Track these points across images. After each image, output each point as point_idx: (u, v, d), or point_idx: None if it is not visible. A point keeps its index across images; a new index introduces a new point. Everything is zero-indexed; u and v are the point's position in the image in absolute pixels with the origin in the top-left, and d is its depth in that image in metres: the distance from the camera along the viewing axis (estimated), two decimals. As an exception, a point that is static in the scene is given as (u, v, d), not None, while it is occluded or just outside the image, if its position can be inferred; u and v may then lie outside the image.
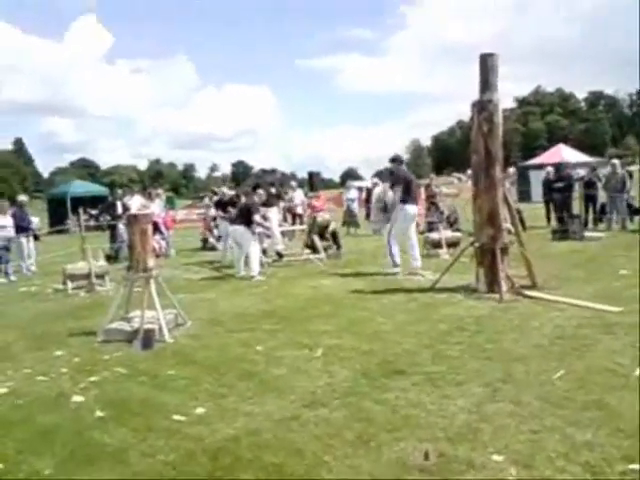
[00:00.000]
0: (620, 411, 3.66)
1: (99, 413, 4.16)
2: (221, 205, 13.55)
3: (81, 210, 12.54)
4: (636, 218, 15.03)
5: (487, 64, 7.76)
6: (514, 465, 3.06)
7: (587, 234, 13.43)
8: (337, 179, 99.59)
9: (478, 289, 7.70)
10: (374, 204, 19.73)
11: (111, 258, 13.33)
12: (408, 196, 9.66)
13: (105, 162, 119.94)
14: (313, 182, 20.19)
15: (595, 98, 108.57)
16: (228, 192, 14.53)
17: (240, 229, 10.41)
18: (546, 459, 3.10)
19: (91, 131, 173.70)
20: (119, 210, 15.73)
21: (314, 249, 12.34)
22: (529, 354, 4.92)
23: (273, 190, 15.26)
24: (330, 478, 3.05)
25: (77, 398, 4.49)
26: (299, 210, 18.37)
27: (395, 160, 10.22)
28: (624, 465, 3.00)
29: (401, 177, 9.77)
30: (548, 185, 16.20)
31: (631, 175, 16.65)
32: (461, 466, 3.09)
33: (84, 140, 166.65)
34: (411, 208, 9.78)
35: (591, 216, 15.71)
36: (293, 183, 21.52)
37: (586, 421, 3.53)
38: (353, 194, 20.42)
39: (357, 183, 31.19)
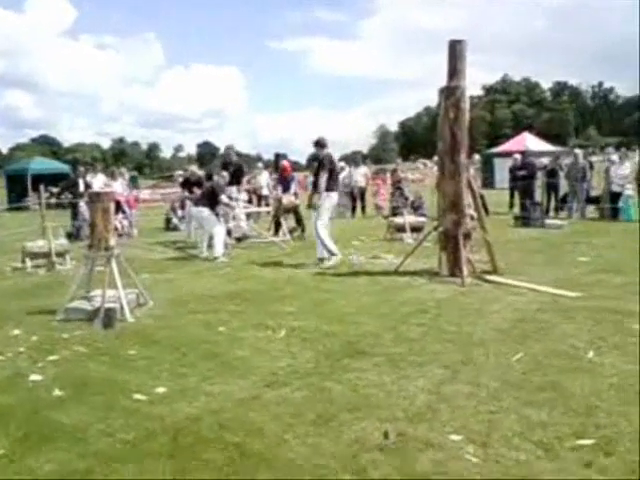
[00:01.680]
0: (573, 391, 3.77)
1: (57, 392, 4.09)
2: (187, 185, 13.37)
3: (42, 187, 12.23)
4: (593, 207, 15.37)
5: (455, 51, 7.80)
6: (471, 444, 3.12)
7: (548, 221, 13.72)
8: (303, 162, 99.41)
9: (440, 273, 7.80)
10: (340, 187, 19.85)
11: (72, 236, 13.07)
12: (334, 183, 9.18)
13: (67, 139, 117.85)
14: (279, 164, 20.03)
15: (560, 88, 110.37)
16: (197, 171, 14.32)
17: (204, 211, 10.32)
18: (502, 438, 3.18)
19: (53, 107, 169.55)
20: (81, 188, 15.41)
21: (278, 231, 12.32)
22: (489, 337, 5.02)
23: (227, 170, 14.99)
24: (291, 457, 3.07)
25: (35, 377, 4.41)
26: (264, 192, 18.26)
27: (318, 144, 9.40)
28: (573, 441, 3.11)
29: (326, 162, 9.13)
30: (514, 172, 16.45)
31: (592, 165, 17.00)
32: (420, 445, 3.14)
33: (46, 116, 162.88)
34: (335, 196, 9.34)
35: (553, 204, 16.02)
36: (259, 165, 21.38)
37: (541, 401, 3.63)
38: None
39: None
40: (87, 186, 14.84)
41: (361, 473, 2.88)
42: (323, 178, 9.01)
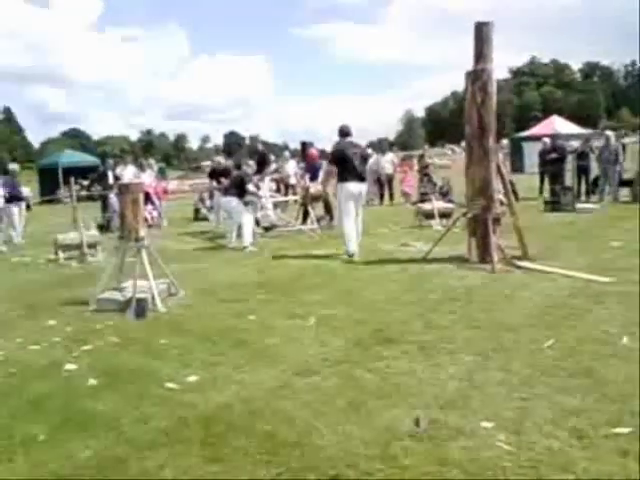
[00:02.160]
0: (607, 378, 3.71)
1: (92, 381, 4.17)
2: (215, 175, 13.45)
3: (72, 180, 12.42)
4: (627, 190, 15.05)
5: (482, 33, 7.68)
6: (503, 431, 3.10)
7: (579, 206, 13.47)
8: (330, 149, 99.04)
9: (470, 259, 7.74)
10: (367, 175, 19.76)
11: (103, 228, 13.28)
12: (348, 173, 8.66)
13: (96, 132, 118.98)
14: (306, 152, 20.03)
15: (590, 69, 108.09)
16: (223, 161, 14.40)
17: (233, 200, 10.39)
18: (534, 425, 3.14)
19: (82, 101, 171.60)
20: (110, 180, 15.61)
21: (306, 219, 12.34)
22: (520, 323, 4.96)
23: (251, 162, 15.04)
24: (321, 444, 3.09)
25: (70, 366, 4.50)
26: (292, 181, 18.27)
27: (339, 132, 9.04)
28: (608, 429, 3.06)
29: (337, 153, 8.90)
30: (544, 156, 16.18)
31: (624, 147, 16.63)
32: (451, 432, 3.13)
33: (75, 110, 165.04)
34: (351, 186, 8.68)
35: (583, 188, 15.74)
36: (286, 153, 21.41)
37: (574, 388, 3.58)
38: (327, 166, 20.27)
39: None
40: (116, 178, 15.00)
41: (392, 460, 2.89)
42: (327, 169, 8.97)
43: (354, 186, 8.67)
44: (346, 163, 8.68)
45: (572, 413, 3.26)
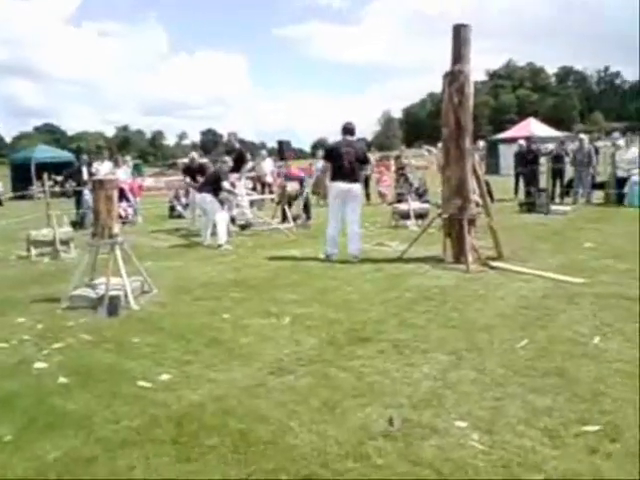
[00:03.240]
0: (578, 377, 3.76)
1: (62, 379, 4.09)
2: (189, 172, 13.30)
3: (45, 175, 12.23)
4: (600, 192, 15.28)
5: (460, 35, 7.72)
6: (476, 431, 3.11)
7: (553, 207, 13.64)
8: (308, 149, 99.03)
9: (445, 260, 7.78)
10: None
11: (77, 224, 13.07)
12: (337, 173, 8.48)
13: (71, 128, 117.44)
14: (282, 151, 19.96)
15: (565, 73, 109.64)
16: (197, 157, 14.26)
17: (207, 197, 10.31)
18: (507, 425, 3.16)
19: (57, 95, 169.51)
20: (85, 176, 15.40)
21: (284, 218, 12.31)
22: (494, 323, 5.00)
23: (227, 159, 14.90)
24: (295, 444, 3.07)
25: (40, 365, 4.42)
26: (268, 179, 18.22)
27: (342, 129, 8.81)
28: (578, 427, 3.10)
29: (329, 152, 8.84)
30: (519, 158, 16.37)
31: (597, 151, 16.88)
32: (425, 432, 3.13)
33: (49, 104, 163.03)
34: (338, 185, 8.51)
35: (558, 190, 15.94)
36: (263, 152, 21.32)
37: (546, 388, 3.62)
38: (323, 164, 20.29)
39: (328, 153, 30.93)
40: (91, 174, 14.80)
41: (366, 460, 2.88)
42: (322, 167, 8.87)
43: (341, 185, 8.47)
44: (336, 161, 8.49)
45: (544, 412, 3.29)
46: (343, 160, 8.41)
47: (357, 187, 8.64)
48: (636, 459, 2.77)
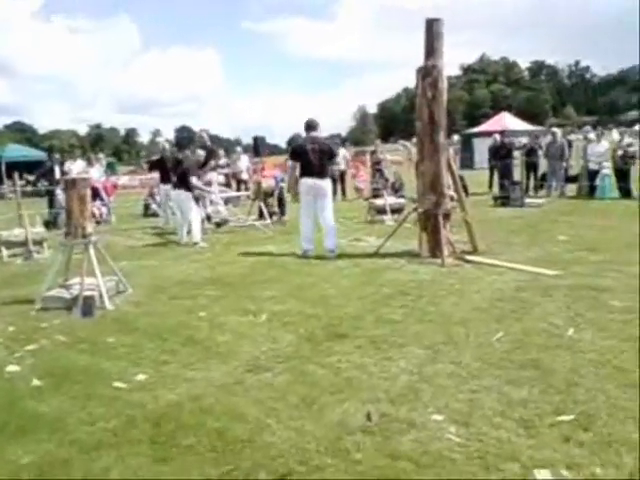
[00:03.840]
0: (553, 369, 3.81)
1: (36, 382, 4.03)
2: (160, 165, 12.81)
3: (16, 175, 12.02)
4: (573, 185, 15.50)
5: (432, 29, 7.75)
6: (453, 424, 3.14)
7: (527, 200, 13.80)
8: (283, 145, 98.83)
9: (421, 254, 7.81)
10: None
11: (50, 224, 12.89)
12: (305, 169, 8.54)
13: (43, 126, 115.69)
14: (258, 147, 19.91)
15: (537, 68, 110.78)
16: (167, 146, 13.95)
17: (182, 193, 10.22)
18: (483, 417, 3.19)
19: (27, 93, 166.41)
20: (57, 175, 15.20)
21: (260, 215, 12.27)
22: (469, 317, 5.04)
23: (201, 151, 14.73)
24: (273, 441, 3.06)
25: (12, 368, 4.34)
26: (244, 176, 18.17)
27: (305, 126, 8.81)
28: (553, 418, 3.14)
29: (297, 148, 8.79)
30: (493, 152, 16.52)
31: (571, 144, 17.10)
32: (402, 426, 3.15)
33: (19, 102, 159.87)
34: (307, 181, 8.53)
35: (532, 183, 16.13)
36: (238, 149, 21.25)
37: (522, 380, 3.66)
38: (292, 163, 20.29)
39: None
40: (63, 173, 14.60)
41: (344, 455, 2.89)
42: (291, 165, 8.86)
43: (309, 182, 8.47)
44: (303, 159, 8.53)
45: (519, 404, 3.32)
46: (309, 156, 8.43)
47: (325, 182, 8.58)
48: (608, 447, 2.82)
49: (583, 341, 4.30)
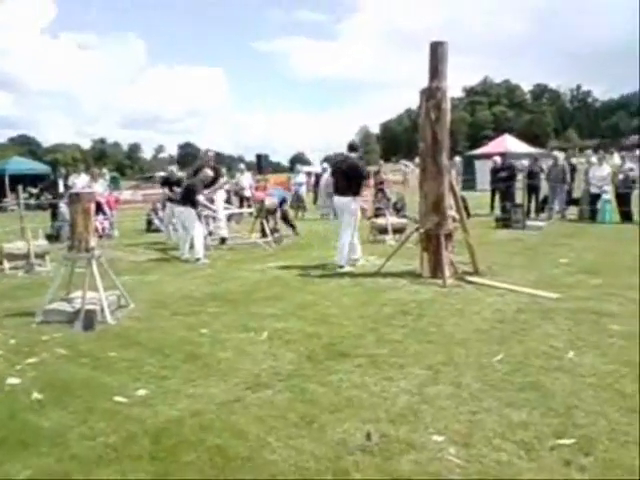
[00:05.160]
0: (553, 391, 3.81)
1: (36, 395, 4.04)
2: (168, 185, 13.21)
3: (20, 188, 12.08)
4: (575, 209, 15.54)
5: (437, 52, 7.84)
6: (453, 445, 3.14)
7: (529, 223, 13.83)
8: (286, 163, 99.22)
9: (422, 274, 7.83)
10: (322, 189, 19.91)
11: (52, 238, 12.92)
12: (334, 187, 9.20)
13: (47, 140, 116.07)
14: (261, 165, 20.02)
15: (540, 91, 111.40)
16: (176, 172, 14.19)
17: (186, 211, 10.27)
18: (483, 438, 3.20)
19: (33, 107, 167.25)
20: (61, 189, 15.26)
21: (263, 233, 12.30)
22: (470, 338, 5.04)
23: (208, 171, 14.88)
24: (273, 459, 3.06)
25: (12, 380, 4.35)
26: (247, 193, 18.23)
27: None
28: (553, 441, 3.14)
29: (343, 167, 8.92)
30: (495, 174, 16.59)
31: (575, 168, 17.15)
32: (402, 446, 3.15)
33: (25, 116, 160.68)
34: (335, 199, 9.20)
35: (533, 205, 16.17)
36: (241, 166, 21.33)
37: (522, 402, 3.66)
38: (301, 178, 20.44)
39: (306, 168, 31.18)
40: (67, 187, 14.66)
41: (343, 474, 2.89)
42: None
43: (335, 199, 9.20)
44: (333, 176, 9.42)
45: (519, 426, 3.33)
46: (337, 175, 9.11)
47: (346, 200, 8.83)
48: (609, 472, 2.82)
49: (583, 364, 4.30)
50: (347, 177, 8.77)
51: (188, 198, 10.30)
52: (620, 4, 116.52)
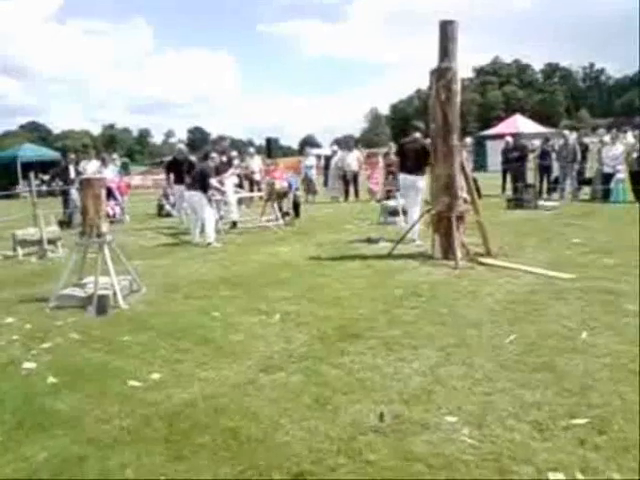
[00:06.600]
0: (567, 372, 3.80)
1: (52, 379, 4.08)
2: (175, 167, 13.00)
3: (32, 174, 12.12)
4: (587, 188, 15.41)
5: (447, 31, 7.74)
6: (467, 425, 3.14)
7: (540, 203, 13.73)
8: (296, 146, 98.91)
9: (434, 256, 7.80)
10: (332, 171, 19.86)
11: (64, 224, 12.98)
12: (401, 165, 9.64)
13: (57, 126, 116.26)
14: (271, 148, 19.95)
15: (551, 70, 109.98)
16: (184, 149, 14.10)
17: (196, 195, 10.27)
18: (497, 419, 3.19)
19: (42, 94, 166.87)
20: (72, 175, 15.31)
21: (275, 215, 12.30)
22: (482, 319, 5.03)
23: (224, 158, 14.92)
24: (287, 440, 3.08)
25: (28, 365, 4.39)
26: (257, 177, 18.21)
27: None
28: (567, 420, 3.14)
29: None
30: (506, 155, 16.45)
31: (587, 147, 16.99)
32: (415, 427, 3.15)
33: (35, 103, 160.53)
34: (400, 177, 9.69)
35: (545, 186, 16.04)
36: (251, 150, 21.29)
37: (535, 382, 3.65)
38: (311, 161, 20.37)
39: (315, 151, 31.07)
40: (78, 173, 14.70)
41: (357, 455, 2.89)
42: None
43: (402, 178, 9.51)
44: (400, 156, 9.71)
45: (533, 406, 3.32)
46: (405, 154, 9.44)
47: (414, 178, 9.20)
48: (624, 451, 2.81)
49: (597, 345, 4.27)
50: (417, 156, 9.03)
51: (199, 182, 10.29)
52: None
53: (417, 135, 9.40)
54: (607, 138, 15.88)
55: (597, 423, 3.08)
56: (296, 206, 13.13)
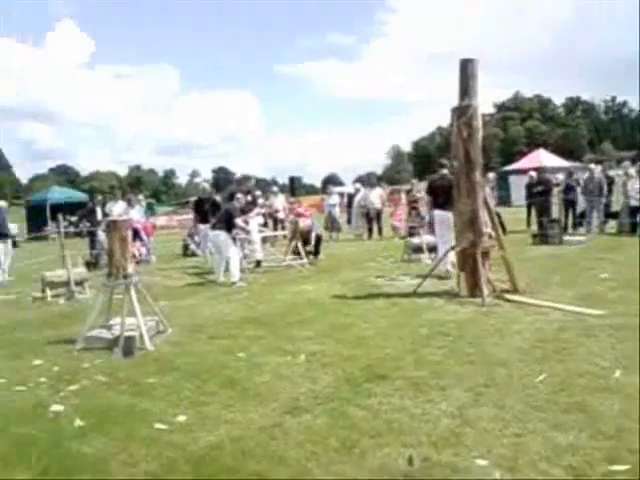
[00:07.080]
0: (601, 413, 3.69)
1: (79, 422, 4.08)
2: (200, 207, 13.14)
3: (60, 216, 12.36)
4: (614, 222, 15.22)
5: (467, 69, 7.82)
6: (498, 469, 3.06)
7: (566, 238, 13.58)
8: (318, 184, 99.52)
9: (460, 294, 7.73)
10: (355, 209, 19.93)
11: (91, 265, 13.15)
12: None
13: (85, 168, 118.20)
14: (294, 187, 20.15)
15: (573, 104, 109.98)
16: (208, 187, 14.31)
17: (221, 234, 10.35)
18: (529, 462, 3.10)
19: (71, 137, 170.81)
20: (99, 216, 15.57)
21: (298, 254, 12.32)
22: (511, 358, 4.94)
23: (249, 197, 15.11)
24: (314, 485, 3.03)
25: (56, 407, 4.41)
26: (280, 215, 18.33)
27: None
28: (605, 466, 3.02)
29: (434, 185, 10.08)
30: (531, 189, 16.38)
31: (613, 180, 16.80)
32: (445, 471, 3.08)
33: (64, 147, 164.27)
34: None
35: (570, 220, 15.89)
36: (275, 188, 21.50)
37: (568, 424, 3.55)
38: (334, 199, 20.48)
39: (338, 189, 31.25)
40: (105, 214, 14.95)
41: (386, 501, 2.83)
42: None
43: (437, 214, 9.78)
44: (433, 193, 9.94)
45: (567, 450, 3.22)
46: (435, 191, 9.86)
47: (449, 214, 9.19)
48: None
49: (632, 384, 4.15)
50: (446, 193, 9.16)
51: (225, 222, 10.38)
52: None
53: (444, 172, 9.70)
54: (632, 171, 15.74)
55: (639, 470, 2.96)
56: (318, 243, 13.12)
